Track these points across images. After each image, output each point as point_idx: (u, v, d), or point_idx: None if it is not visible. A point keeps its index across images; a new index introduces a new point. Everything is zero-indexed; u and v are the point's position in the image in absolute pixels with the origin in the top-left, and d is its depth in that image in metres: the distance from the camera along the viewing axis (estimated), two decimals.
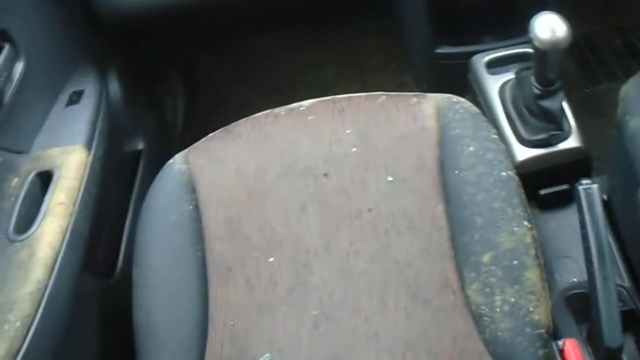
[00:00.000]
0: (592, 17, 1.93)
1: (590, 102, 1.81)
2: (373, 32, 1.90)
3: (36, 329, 0.93)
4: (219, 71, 1.99)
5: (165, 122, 1.75)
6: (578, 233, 1.03)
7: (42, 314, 0.95)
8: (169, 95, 1.83)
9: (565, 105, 1.30)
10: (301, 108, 1.15)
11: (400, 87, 1.90)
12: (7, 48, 1.14)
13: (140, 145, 1.50)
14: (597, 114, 1.74)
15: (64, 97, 1.30)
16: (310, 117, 1.13)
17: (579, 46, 1.94)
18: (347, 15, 1.77)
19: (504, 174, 1.02)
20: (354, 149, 1.07)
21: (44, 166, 1.13)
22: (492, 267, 0.94)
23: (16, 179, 1.09)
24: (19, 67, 1.16)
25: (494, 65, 1.40)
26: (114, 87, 1.43)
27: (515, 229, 0.97)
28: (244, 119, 1.16)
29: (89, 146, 1.19)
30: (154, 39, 1.72)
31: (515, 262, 0.94)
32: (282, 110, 1.15)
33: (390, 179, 1.04)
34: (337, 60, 2.00)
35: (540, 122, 1.28)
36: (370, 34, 1.93)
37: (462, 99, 1.13)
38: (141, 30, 1.59)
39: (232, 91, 1.99)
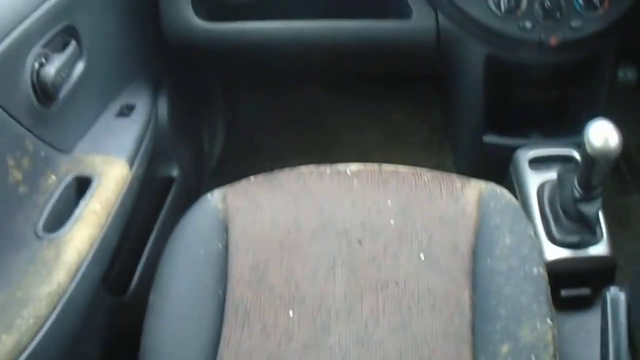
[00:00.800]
0: (633, 128, 1.95)
1: (618, 211, 1.82)
2: (418, 107, 1.92)
3: (47, 331, 0.93)
4: (261, 114, 2.02)
5: (202, 154, 1.77)
6: (591, 338, 1.03)
7: (56, 316, 0.95)
8: (209, 128, 1.85)
9: (600, 212, 1.31)
10: (347, 171, 1.15)
11: (438, 166, 1.89)
12: (72, 44, 1.15)
13: (175, 173, 1.52)
14: (623, 223, 1.75)
15: (115, 107, 1.32)
16: (355, 182, 1.13)
17: None
18: (396, 88, 1.80)
19: (535, 270, 1.03)
20: (392, 221, 1.08)
21: (84, 171, 1.13)
22: (509, 359, 0.94)
23: (53, 177, 1.10)
24: (79, 67, 1.18)
25: (537, 162, 1.41)
26: (163, 108, 1.44)
27: (538, 325, 0.97)
28: (288, 170, 1.17)
29: (131, 162, 1.20)
30: (209, 67, 1.74)
31: (532, 357, 0.94)
32: (327, 169, 1.16)
33: (422, 256, 1.04)
34: (378, 129, 2.02)
35: (574, 224, 1.28)
36: (415, 109, 1.95)
37: (504, 190, 1.14)
38: (201, 57, 1.60)
39: (270, 137, 2.01)
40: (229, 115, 1.94)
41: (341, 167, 1.16)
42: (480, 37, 1.44)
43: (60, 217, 1.05)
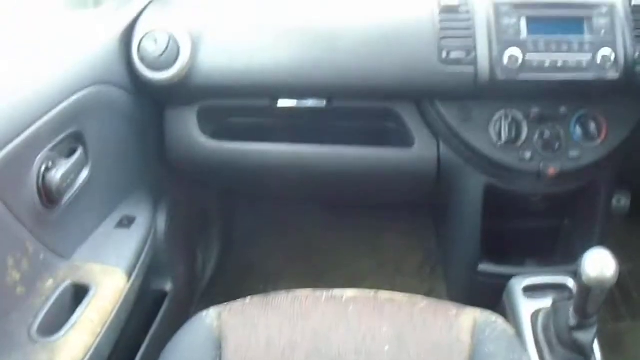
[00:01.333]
0: (626, 256, 1.97)
1: (611, 338, 1.80)
2: (414, 231, 1.94)
3: None
4: (256, 231, 2.03)
5: (195, 271, 1.77)
6: None
7: None
8: (204, 244, 1.86)
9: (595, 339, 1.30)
10: (343, 297, 1.16)
11: (430, 292, 1.92)
12: (79, 151, 1.18)
13: (168, 287, 1.51)
14: (617, 350, 1.74)
15: (115, 217, 1.34)
16: (350, 307, 1.14)
17: None
18: (390, 214, 1.83)
19: None
20: (386, 347, 1.07)
21: (82, 278, 1.14)
22: None
23: (51, 281, 1.11)
24: (84, 174, 1.20)
25: (531, 290, 1.42)
26: (162, 222, 1.46)
27: None
28: (284, 292, 1.17)
29: (129, 274, 1.21)
30: (209, 184, 1.77)
31: None
32: (324, 293, 1.16)
33: None
34: (372, 253, 2.03)
35: (569, 352, 1.28)
36: (410, 234, 1.97)
37: (500, 318, 1.14)
38: (203, 174, 1.63)
39: (264, 256, 2.02)
40: (224, 231, 1.95)
41: (337, 292, 1.17)
42: (480, 167, 1.48)
43: (54, 322, 1.05)
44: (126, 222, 1.33)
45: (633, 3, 1.37)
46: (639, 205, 1.78)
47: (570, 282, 1.38)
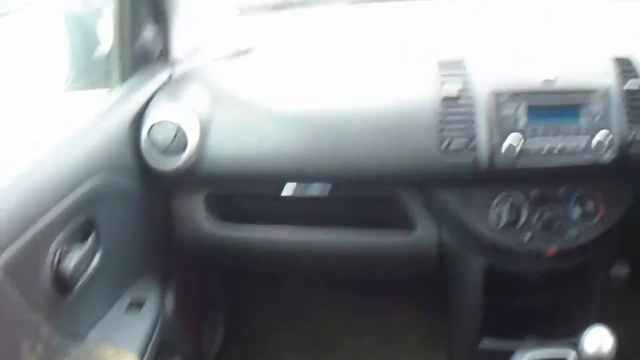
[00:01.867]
0: (626, 321, 2.00)
1: None
2: (416, 309, 1.96)
3: None
4: (260, 310, 2.04)
5: (201, 350, 1.79)
6: None
7: None
8: (210, 324, 1.88)
9: None
10: None
11: None
12: (91, 238, 1.21)
13: None
14: None
15: (126, 300, 1.36)
16: None
17: None
18: (393, 291, 1.85)
19: None
20: None
21: None
22: None
23: None
24: (95, 259, 1.23)
25: None
26: (171, 305, 1.49)
27: None
28: None
29: (141, 356, 1.24)
30: (216, 266, 1.80)
31: None
32: None
33: None
34: (375, 331, 2.03)
35: None
36: (413, 311, 2.00)
37: None
38: (209, 257, 1.66)
39: (268, 334, 2.03)
40: (229, 309, 1.97)
41: None
42: (480, 250, 1.50)
43: None
44: (136, 306, 1.36)
45: (625, 88, 1.40)
46: (638, 273, 1.82)
47: (572, 356, 1.39)
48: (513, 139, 1.36)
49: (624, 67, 1.44)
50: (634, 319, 1.98)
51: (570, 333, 1.45)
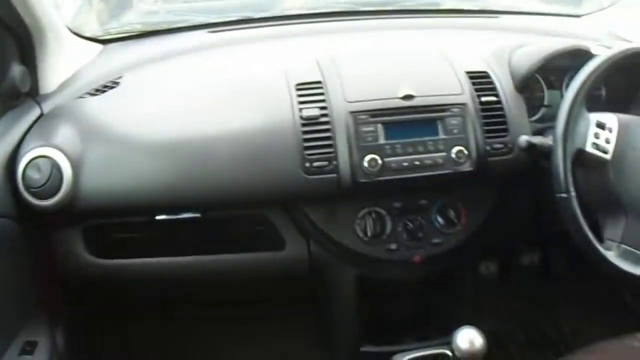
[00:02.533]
0: (499, 315, 2.13)
1: None
2: (296, 319, 2.01)
3: None
4: (148, 341, 2.04)
5: None
6: None
7: None
8: (105, 354, 1.87)
9: None
10: None
11: None
12: None
13: None
14: None
15: (18, 343, 1.36)
16: None
17: (486, 341, 2.09)
18: (274, 304, 1.90)
19: None
20: None
21: None
22: None
23: None
24: None
25: None
26: (62, 342, 1.48)
27: None
28: None
29: None
30: (103, 300, 1.79)
31: None
32: None
33: None
34: (257, 344, 2.05)
35: None
36: (293, 321, 2.03)
37: None
38: (95, 291, 1.66)
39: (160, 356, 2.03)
40: (122, 338, 1.96)
41: None
42: (349, 261, 1.56)
43: None
44: (29, 348, 1.35)
45: (482, 100, 1.50)
46: (506, 269, 1.95)
47: (449, 353, 1.46)
48: (373, 156, 1.42)
49: (479, 81, 1.53)
50: (510, 313, 2.14)
51: (446, 333, 1.51)
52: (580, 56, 1.48)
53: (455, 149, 1.46)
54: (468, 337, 1.31)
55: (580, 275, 1.94)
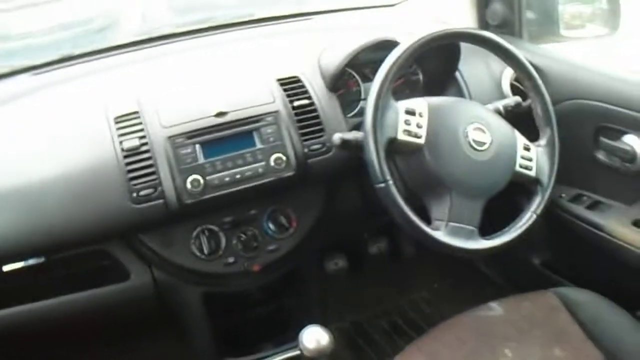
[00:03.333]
0: (360, 306, 2.20)
1: None
2: (158, 339, 2.02)
3: None
4: None
5: None
6: None
7: None
8: None
9: None
10: None
11: None
12: None
13: None
14: None
15: None
16: None
17: (350, 333, 2.16)
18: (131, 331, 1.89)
19: None
20: None
21: None
22: None
23: None
24: None
25: None
26: None
27: None
28: None
29: None
30: None
31: None
32: None
33: None
34: None
35: None
36: (155, 343, 2.04)
37: None
38: None
39: None
40: None
41: None
42: (192, 280, 1.58)
43: None
44: None
45: (295, 104, 1.54)
46: (356, 262, 2.02)
47: (295, 356, 1.52)
48: (195, 177, 1.45)
49: (290, 86, 1.57)
50: (360, 306, 2.21)
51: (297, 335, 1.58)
52: (387, 47, 1.51)
53: (273, 157, 1.49)
54: (314, 336, 1.34)
55: (431, 253, 2.03)
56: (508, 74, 1.78)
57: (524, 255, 2.01)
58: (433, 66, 1.77)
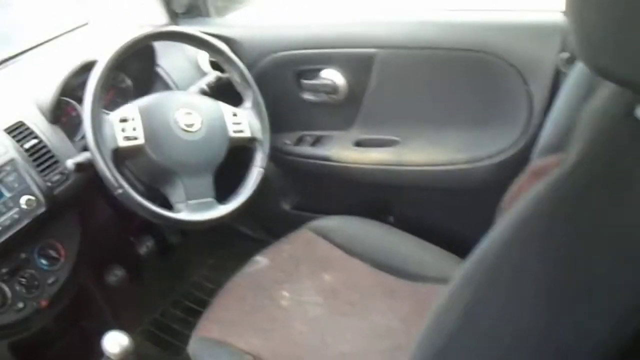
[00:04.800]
0: (151, 306, 2.31)
1: None
2: None
3: None
4: None
5: None
6: None
7: None
8: None
9: None
10: None
11: None
12: None
13: None
14: None
15: None
16: None
17: (151, 331, 2.24)
18: None
19: None
20: None
21: None
22: None
23: None
24: None
25: None
26: None
27: None
28: None
29: None
30: None
31: None
32: None
33: None
34: None
35: None
36: None
37: None
38: None
39: None
40: None
41: None
42: None
43: None
44: None
45: (25, 147, 1.57)
46: (132, 267, 2.11)
47: None
48: None
49: (17, 132, 1.59)
50: (158, 299, 2.31)
51: None
52: (89, 68, 1.57)
53: (23, 200, 1.53)
54: (114, 341, 1.45)
55: (196, 234, 2.17)
56: (204, 54, 1.94)
57: (275, 205, 2.20)
58: (135, 70, 1.88)
